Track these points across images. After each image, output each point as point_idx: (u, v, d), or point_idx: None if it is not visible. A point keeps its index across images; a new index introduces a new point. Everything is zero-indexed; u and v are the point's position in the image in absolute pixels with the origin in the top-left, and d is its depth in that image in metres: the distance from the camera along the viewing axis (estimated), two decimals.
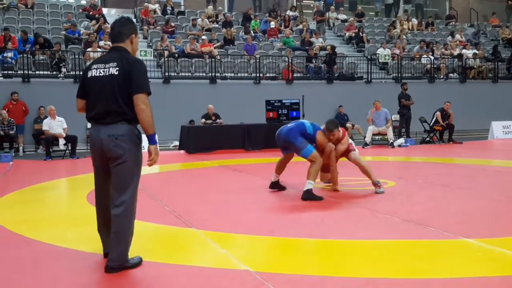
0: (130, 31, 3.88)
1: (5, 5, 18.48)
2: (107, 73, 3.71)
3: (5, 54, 15.11)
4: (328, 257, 4.19)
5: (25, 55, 15.17)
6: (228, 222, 5.44)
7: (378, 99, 14.57)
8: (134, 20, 20.54)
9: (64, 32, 17.20)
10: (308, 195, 6.38)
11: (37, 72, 15.42)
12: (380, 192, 6.84)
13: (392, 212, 5.66)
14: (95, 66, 3.83)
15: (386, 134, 14.49)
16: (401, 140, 14.83)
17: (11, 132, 13.38)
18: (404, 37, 21.62)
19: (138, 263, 3.91)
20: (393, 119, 15.21)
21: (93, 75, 3.79)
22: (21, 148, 13.98)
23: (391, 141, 14.28)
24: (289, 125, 6.85)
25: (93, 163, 3.93)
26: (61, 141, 12.66)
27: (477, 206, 6.09)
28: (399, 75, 18.97)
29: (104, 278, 3.72)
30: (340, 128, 6.83)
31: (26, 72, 14.97)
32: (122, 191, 3.74)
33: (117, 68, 3.69)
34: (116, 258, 3.76)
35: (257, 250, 4.51)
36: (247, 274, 3.68)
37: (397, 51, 19.77)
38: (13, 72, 15.16)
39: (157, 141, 3.85)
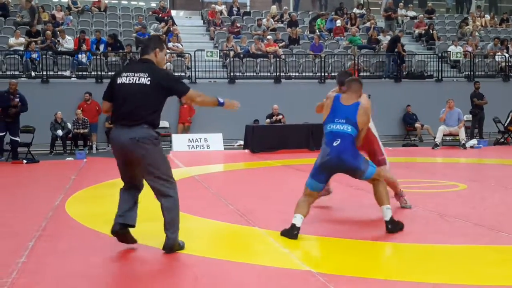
0: (154, 45, 4.32)
1: (80, 9, 19.38)
2: (137, 81, 4.13)
3: (79, 56, 15.82)
4: (394, 261, 4.08)
5: (98, 57, 15.83)
6: (290, 222, 5.40)
7: (451, 98, 14.05)
8: (201, 22, 20.98)
9: (135, 34, 17.80)
10: (394, 225, 4.79)
11: (109, 73, 16.03)
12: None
13: (463, 216, 5.44)
14: (124, 74, 4.23)
15: (457, 135, 13.96)
16: (473, 141, 14.25)
17: (85, 130, 13.99)
18: (477, 34, 20.73)
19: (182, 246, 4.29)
20: (465, 119, 14.62)
21: (122, 82, 4.18)
22: (94, 146, 14.59)
23: (463, 142, 13.74)
24: (335, 144, 4.69)
25: (116, 160, 4.37)
26: None
27: None
28: (472, 73, 18.21)
29: (170, 270, 3.81)
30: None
31: (99, 73, 15.61)
32: (162, 183, 4.15)
33: (149, 78, 4.12)
34: (171, 242, 4.20)
35: (320, 251, 4.46)
36: (310, 275, 3.65)
37: (470, 49, 18.98)
38: (87, 73, 15.85)
39: (222, 100, 4.59)
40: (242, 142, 14.40)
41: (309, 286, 3.46)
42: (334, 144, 4.66)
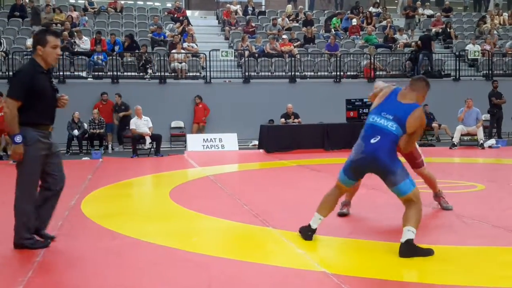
0: (36, 43, 4.38)
1: (96, 9, 19.54)
2: None
3: (95, 56, 15.93)
4: (409, 262, 4.02)
5: (113, 57, 15.93)
6: (305, 223, 5.37)
7: (470, 97, 13.90)
8: (216, 22, 21.00)
9: (150, 35, 17.89)
10: (409, 249, 4.00)
11: (125, 73, 16.15)
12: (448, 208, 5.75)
13: (481, 217, 5.35)
14: None
15: (475, 135, 13.80)
16: (491, 141, 14.08)
17: (101, 130, 14.09)
18: (495, 32, 20.45)
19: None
20: (483, 118, 14.43)
21: None
22: (110, 146, 14.69)
23: (481, 141, 13.57)
24: (373, 141, 4.19)
25: None
26: (148, 140, 13.13)
27: None
28: (490, 72, 17.98)
29: (184, 271, 3.80)
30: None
31: (115, 73, 15.72)
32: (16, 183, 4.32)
33: None
34: (15, 234, 4.31)
35: (335, 252, 4.42)
36: (324, 276, 3.62)
37: (488, 47, 18.74)
38: (103, 73, 15.97)
39: (19, 141, 4.17)
40: (257, 142, 14.39)
41: (323, 287, 3.43)
42: (372, 141, 4.16)
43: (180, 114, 15.67)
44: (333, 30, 19.70)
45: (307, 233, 4.53)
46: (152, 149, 13.15)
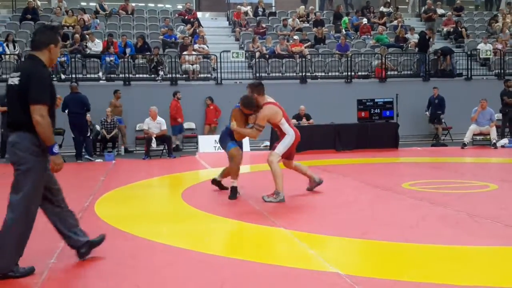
0: (49, 40, 3.90)
1: (107, 12, 19.66)
2: (14, 83, 3.82)
3: (107, 58, 16.04)
4: (423, 263, 4.01)
5: (125, 59, 16.04)
6: (317, 223, 5.38)
7: (484, 98, 13.78)
8: (227, 23, 21.04)
9: (161, 37, 17.97)
10: (232, 191, 6.91)
11: (137, 75, 16.24)
12: (269, 201, 6.52)
13: (493, 217, 5.32)
14: (11, 74, 3.93)
15: (488, 134, 13.69)
16: (504, 141, 13.95)
17: (113, 132, 14.12)
18: (507, 31, 20.27)
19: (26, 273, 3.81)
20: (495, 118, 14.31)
21: (9, 83, 3.90)
22: (122, 147, 14.74)
23: (494, 141, 13.46)
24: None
25: None
26: (153, 140, 13.02)
27: None
28: (502, 71, 17.83)
29: (197, 272, 3.82)
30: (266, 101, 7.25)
31: (127, 75, 15.82)
32: (13, 195, 3.80)
33: (19, 78, 3.79)
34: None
35: (347, 253, 4.42)
36: (337, 277, 3.62)
37: (500, 46, 18.58)
38: (115, 75, 16.07)
39: (56, 151, 3.83)
40: (268, 143, 14.38)
41: None
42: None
43: (191, 116, 15.72)
44: (343, 30, 19.65)
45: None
46: (164, 151, 13.20)
